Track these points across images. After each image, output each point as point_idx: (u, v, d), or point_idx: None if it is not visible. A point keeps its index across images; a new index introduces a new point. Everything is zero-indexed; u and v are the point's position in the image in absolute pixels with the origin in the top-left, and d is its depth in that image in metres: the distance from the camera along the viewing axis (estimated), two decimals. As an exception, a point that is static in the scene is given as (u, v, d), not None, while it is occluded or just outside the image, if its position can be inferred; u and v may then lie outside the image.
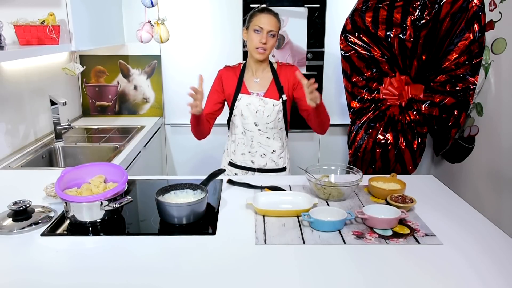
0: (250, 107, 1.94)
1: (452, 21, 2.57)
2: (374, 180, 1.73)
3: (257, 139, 1.99)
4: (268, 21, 1.86)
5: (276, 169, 2.05)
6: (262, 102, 1.93)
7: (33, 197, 1.54)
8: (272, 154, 2.01)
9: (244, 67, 2.01)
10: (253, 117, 1.95)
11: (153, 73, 3.17)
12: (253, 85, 1.98)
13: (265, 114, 1.94)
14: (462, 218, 1.50)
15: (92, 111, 3.19)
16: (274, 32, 1.88)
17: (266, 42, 1.86)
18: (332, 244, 1.30)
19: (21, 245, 1.30)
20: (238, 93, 1.96)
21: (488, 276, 1.15)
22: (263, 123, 1.96)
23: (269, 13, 1.88)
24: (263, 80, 1.98)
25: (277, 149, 2.02)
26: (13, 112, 2.23)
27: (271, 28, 1.86)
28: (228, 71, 2.03)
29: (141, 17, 2.64)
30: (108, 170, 1.56)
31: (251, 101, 1.94)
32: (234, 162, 2.08)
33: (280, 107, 1.94)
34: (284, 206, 1.55)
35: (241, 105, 1.95)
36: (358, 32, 2.73)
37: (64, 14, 2.19)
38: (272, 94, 1.95)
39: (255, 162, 2.03)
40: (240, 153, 2.04)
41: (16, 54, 1.85)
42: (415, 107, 2.78)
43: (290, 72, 1.97)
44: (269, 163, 2.03)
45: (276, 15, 1.90)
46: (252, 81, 1.98)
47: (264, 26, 1.85)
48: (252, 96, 1.95)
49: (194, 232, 1.38)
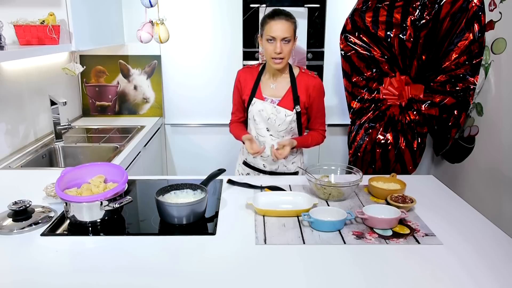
0: (263, 113, 1.89)
1: (452, 21, 2.57)
2: (374, 180, 1.73)
3: (269, 144, 1.94)
4: (280, 28, 1.75)
5: (288, 173, 2.02)
6: (275, 110, 1.87)
7: (33, 197, 1.54)
8: (283, 159, 1.96)
9: (263, 68, 1.94)
10: (264, 123, 1.91)
11: (153, 73, 3.17)
12: (268, 90, 1.91)
13: (276, 122, 1.89)
14: (462, 218, 1.50)
15: (92, 111, 3.19)
16: (288, 37, 1.77)
17: (281, 51, 1.77)
18: (332, 244, 1.30)
19: (21, 245, 1.30)
20: (252, 97, 1.91)
21: (488, 275, 1.15)
22: (275, 130, 1.92)
23: (280, 18, 1.77)
24: (280, 86, 1.90)
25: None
26: (13, 112, 2.23)
27: (285, 35, 1.76)
28: (245, 73, 1.97)
29: (141, 17, 2.63)
30: (108, 170, 1.56)
31: (264, 108, 1.89)
32: (248, 162, 2.06)
33: (293, 117, 1.88)
34: (284, 206, 1.55)
35: (254, 110, 1.91)
36: (358, 32, 2.73)
37: (64, 14, 2.19)
38: (287, 103, 1.88)
39: (267, 166, 2.00)
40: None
41: (16, 54, 1.85)
42: (415, 107, 2.78)
43: (311, 83, 1.89)
44: (281, 167, 2.00)
45: (288, 18, 1.78)
46: (269, 85, 1.92)
47: (277, 34, 1.75)
48: (266, 102, 1.89)
49: (194, 232, 1.38)
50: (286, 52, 1.79)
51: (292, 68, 1.92)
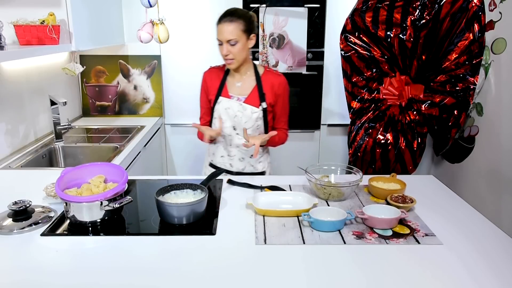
0: (229, 111, 1.90)
1: (452, 21, 2.57)
2: (374, 180, 1.73)
3: (235, 143, 1.95)
4: (225, 30, 1.77)
5: (255, 173, 2.01)
6: (241, 107, 1.89)
7: (33, 197, 1.54)
8: (250, 158, 1.97)
9: (229, 68, 1.95)
10: (231, 121, 1.91)
11: (153, 73, 3.17)
12: (234, 89, 1.93)
13: (243, 120, 1.89)
14: (462, 218, 1.50)
15: (92, 111, 3.19)
16: (234, 39, 1.77)
17: (227, 53, 1.79)
18: (332, 244, 1.30)
19: (21, 245, 1.30)
20: (219, 96, 1.92)
21: (488, 275, 1.15)
22: (241, 128, 1.91)
23: (225, 21, 1.77)
24: (245, 84, 1.93)
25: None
26: (13, 112, 2.23)
27: (229, 37, 1.77)
28: (211, 73, 1.98)
29: (141, 17, 2.64)
30: (108, 170, 1.56)
31: (230, 105, 1.90)
32: (214, 163, 2.05)
33: (259, 115, 1.90)
34: (284, 206, 1.55)
35: (220, 108, 1.91)
36: (358, 32, 2.73)
37: (64, 14, 2.19)
38: (253, 100, 1.90)
39: (234, 166, 1.99)
40: (219, 155, 2.01)
41: (16, 54, 1.85)
42: (415, 107, 2.78)
43: (277, 81, 1.91)
44: (248, 167, 1.99)
45: (234, 19, 1.78)
46: (234, 84, 1.94)
47: (221, 37, 1.78)
48: (232, 100, 1.91)
49: (194, 232, 1.38)
50: (235, 53, 1.80)
51: (257, 68, 1.94)
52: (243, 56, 1.85)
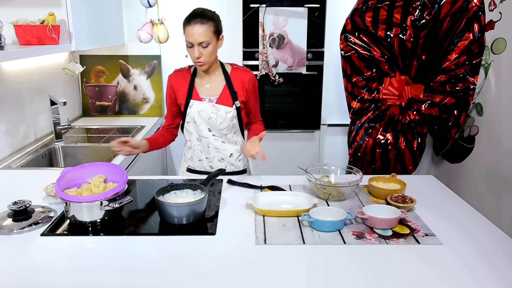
0: (202, 114, 1.86)
1: (452, 21, 2.57)
2: (374, 180, 1.73)
3: (213, 145, 1.92)
4: (196, 32, 1.72)
5: (237, 172, 1.99)
6: (214, 108, 1.85)
7: (33, 197, 1.54)
8: (230, 157, 1.94)
9: (195, 70, 1.91)
10: (206, 124, 1.88)
11: (153, 73, 3.17)
12: (204, 91, 1.88)
13: (218, 121, 1.86)
14: (462, 218, 1.50)
15: (92, 111, 3.19)
16: (205, 41, 1.73)
17: (199, 55, 1.75)
18: (332, 244, 1.30)
19: (21, 245, 1.30)
20: (189, 100, 1.87)
21: (488, 275, 1.15)
22: (217, 129, 1.88)
23: (195, 23, 1.72)
24: (215, 85, 1.88)
25: (234, 152, 1.94)
26: (13, 112, 2.23)
27: (201, 40, 1.72)
28: (177, 77, 1.93)
29: (141, 17, 2.64)
30: (108, 170, 1.56)
31: (203, 108, 1.86)
32: (192, 168, 2.01)
33: (233, 114, 1.86)
34: (284, 206, 1.55)
35: (193, 112, 1.87)
36: (358, 32, 2.73)
37: (64, 14, 2.19)
38: (225, 100, 1.86)
39: (214, 167, 1.95)
40: (197, 159, 1.97)
41: (16, 54, 1.85)
42: (415, 107, 2.78)
43: (246, 78, 1.88)
44: (229, 166, 1.96)
45: (204, 20, 1.73)
46: (203, 86, 1.88)
47: (192, 40, 1.73)
48: (204, 102, 1.86)
49: (194, 232, 1.38)
50: (206, 54, 1.76)
51: (224, 66, 1.91)
52: (214, 58, 1.81)
